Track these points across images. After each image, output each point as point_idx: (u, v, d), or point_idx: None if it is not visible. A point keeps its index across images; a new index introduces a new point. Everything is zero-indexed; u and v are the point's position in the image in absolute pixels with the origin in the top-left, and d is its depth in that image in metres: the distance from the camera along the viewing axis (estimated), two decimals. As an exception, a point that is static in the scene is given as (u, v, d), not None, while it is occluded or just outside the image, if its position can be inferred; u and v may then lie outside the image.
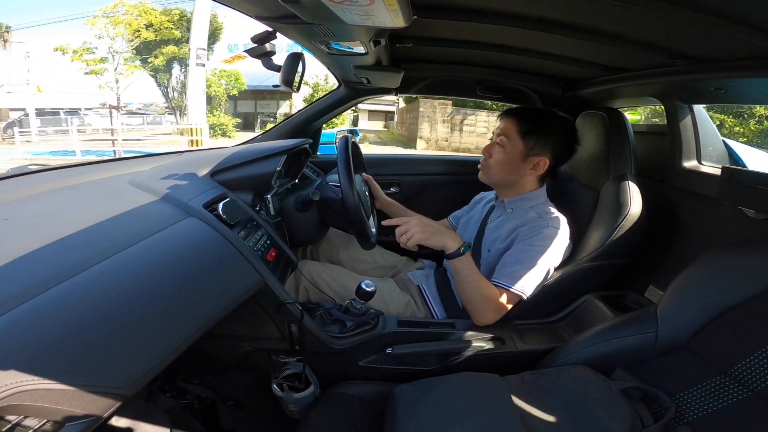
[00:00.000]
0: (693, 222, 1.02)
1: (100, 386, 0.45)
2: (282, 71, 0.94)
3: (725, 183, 0.84)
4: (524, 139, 1.00)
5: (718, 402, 0.63)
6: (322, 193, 1.08)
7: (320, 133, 1.69)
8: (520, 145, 1.00)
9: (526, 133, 1.00)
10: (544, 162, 1.00)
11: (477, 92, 1.45)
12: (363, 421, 0.75)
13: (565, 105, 1.38)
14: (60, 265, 0.51)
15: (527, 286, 0.91)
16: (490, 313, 0.92)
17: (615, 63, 1.02)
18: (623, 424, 0.62)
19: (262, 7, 0.74)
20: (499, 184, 1.08)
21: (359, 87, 1.44)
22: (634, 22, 0.70)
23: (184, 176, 0.89)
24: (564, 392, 0.70)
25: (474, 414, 0.66)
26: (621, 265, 0.98)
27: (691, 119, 1.05)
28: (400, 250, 1.42)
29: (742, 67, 0.73)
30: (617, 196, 0.98)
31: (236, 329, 0.88)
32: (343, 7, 0.55)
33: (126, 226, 0.65)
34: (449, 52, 1.18)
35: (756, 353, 0.61)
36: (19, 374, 0.40)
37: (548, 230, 0.94)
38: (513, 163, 1.02)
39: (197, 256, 0.69)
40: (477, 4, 0.76)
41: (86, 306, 0.49)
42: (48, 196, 0.74)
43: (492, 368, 0.79)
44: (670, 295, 0.77)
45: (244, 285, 0.74)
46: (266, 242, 0.89)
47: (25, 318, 0.43)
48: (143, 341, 0.53)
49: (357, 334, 0.88)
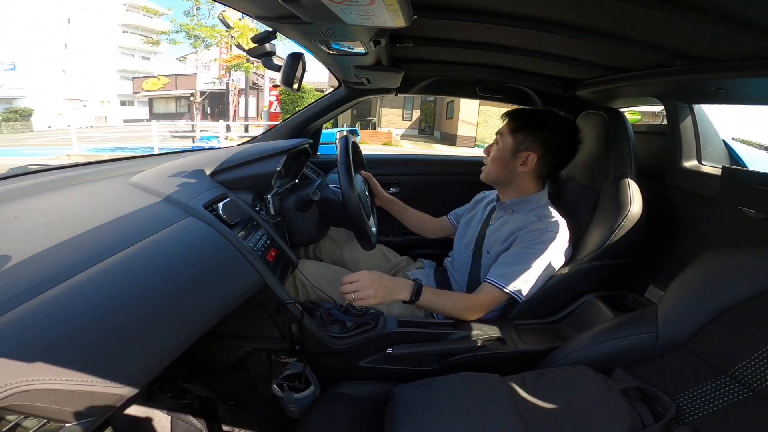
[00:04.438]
0: (693, 222, 1.02)
1: (100, 386, 0.45)
2: (282, 71, 0.94)
3: (725, 183, 0.84)
4: (513, 135, 1.02)
5: (719, 402, 0.63)
6: (322, 193, 1.08)
7: (320, 133, 1.69)
8: (509, 141, 1.02)
9: (515, 129, 1.02)
10: (532, 157, 1.00)
11: (477, 92, 1.45)
12: (363, 421, 0.75)
13: (565, 105, 1.38)
14: (59, 266, 0.51)
15: (522, 288, 0.92)
16: (476, 314, 0.94)
17: (615, 63, 1.02)
18: (623, 424, 0.62)
19: (262, 7, 0.74)
20: (495, 181, 1.09)
21: (359, 87, 1.44)
22: (634, 22, 0.70)
23: (185, 176, 0.89)
24: (564, 392, 0.70)
25: (474, 414, 0.66)
26: (621, 265, 0.98)
27: (692, 119, 1.05)
28: (401, 249, 1.43)
29: (742, 67, 0.72)
30: (617, 196, 0.98)
31: (236, 329, 0.88)
32: (343, 7, 0.55)
33: (126, 227, 0.65)
34: (449, 52, 1.18)
35: (756, 353, 0.61)
36: (20, 374, 0.40)
37: (547, 234, 0.94)
38: (504, 159, 1.03)
39: (197, 256, 0.69)
40: (477, 4, 0.76)
41: (86, 306, 0.49)
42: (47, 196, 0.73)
43: (492, 368, 0.79)
44: (671, 295, 0.77)
45: (244, 285, 0.74)
46: (266, 242, 0.89)
47: (26, 318, 0.43)
48: (143, 341, 0.53)
49: (357, 335, 0.88)
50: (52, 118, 20.00)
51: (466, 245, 1.13)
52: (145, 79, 21.44)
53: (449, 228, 1.33)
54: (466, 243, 1.14)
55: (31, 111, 18.98)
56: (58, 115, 20.54)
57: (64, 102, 21.33)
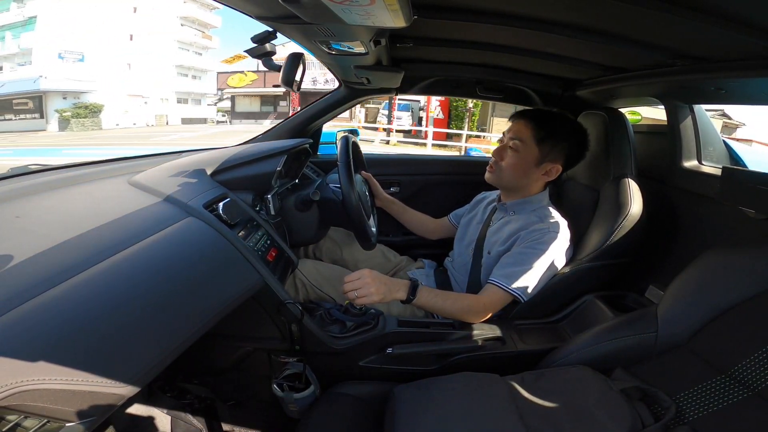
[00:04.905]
0: (693, 222, 1.01)
1: (100, 386, 0.45)
2: (282, 71, 0.94)
3: (725, 183, 0.84)
4: (539, 145, 0.98)
5: (719, 402, 0.63)
6: (323, 193, 1.08)
7: (320, 133, 1.69)
8: (535, 151, 0.99)
9: (542, 138, 0.98)
10: (556, 169, 1.00)
11: (477, 92, 1.45)
12: (363, 421, 0.75)
13: (565, 105, 1.37)
14: (60, 266, 0.51)
15: (524, 289, 0.92)
16: (480, 316, 0.93)
17: (615, 63, 1.02)
18: (623, 424, 0.62)
19: (262, 7, 0.74)
20: (508, 187, 1.07)
21: (359, 87, 1.44)
22: (634, 22, 0.70)
23: (185, 176, 0.89)
24: (564, 392, 0.70)
25: (474, 414, 0.66)
26: (621, 266, 0.98)
27: (692, 119, 1.05)
28: (401, 249, 1.43)
29: (742, 67, 0.72)
30: (617, 196, 0.98)
31: (236, 329, 0.88)
32: (343, 7, 0.55)
33: (126, 227, 0.65)
34: (449, 52, 1.18)
35: (756, 353, 0.61)
36: (20, 374, 0.40)
37: (549, 235, 0.94)
38: (526, 169, 1.01)
39: (197, 256, 0.69)
40: (477, 4, 0.76)
41: (87, 306, 0.49)
42: (48, 196, 0.74)
43: (492, 368, 0.79)
44: (671, 295, 0.77)
45: (244, 285, 0.74)
46: (266, 242, 0.89)
47: (26, 318, 0.43)
48: (143, 341, 0.53)
49: (357, 335, 0.88)
50: (119, 114, 18.93)
51: (466, 246, 1.13)
52: (231, 75, 20.27)
53: (450, 229, 1.32)
54: (466, 243, 1.14)
55: (101, 107, 17.84)
56: (125, 112, 19.40)
57: (127, 98, 19.86)
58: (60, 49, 17.65)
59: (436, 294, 0.91)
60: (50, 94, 17.22)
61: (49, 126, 16.99)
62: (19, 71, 17.86)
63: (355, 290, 0.83)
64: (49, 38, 17.18)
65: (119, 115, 19.09)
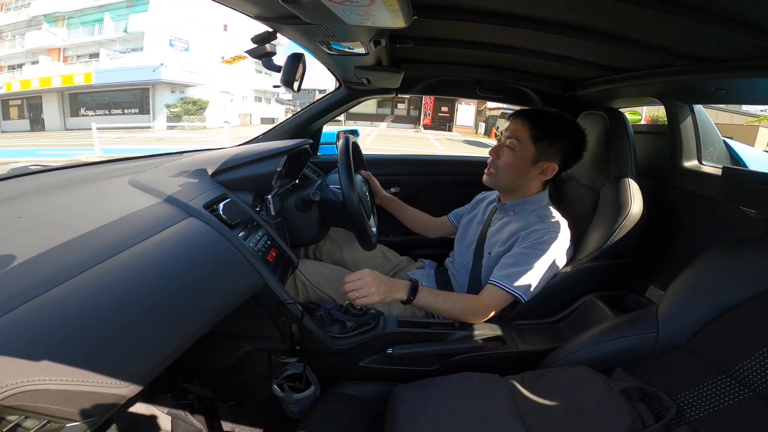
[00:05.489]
0: (693, 222, 1.01)
1: (101, 386, 0.45)
2: (282, 72, 0.94)
3: (726, 183, 0.84)
4: (536, 144, 0.98)
5: (719, 402, 0.63)
6: (323, 194, 1.08)
7: (321, 133, 1.69)
8: (531, 150, 0.99)
9: (538, 138, 0.98)
10: (552, 168, 1.00)
11: (477, 92, 1.45)
12: (363, 421, 0.75)
13: (565, 105, 1.37)
14: (61, 266, 0.51)
15: (525, 289, 0.92)
16: (481, 316, 0.93)
17: (615, 63, 1.02)
18: (623, 424, 0.62)
19: (262, 8, 0.75)
20: (506, 188, 1.07)
21: (359, 87, 1.44)
22: (634, 22, 0.70)
23: (185, 177, 0.89)
24: (564, 392, 0.70)
25: (474, 414, 0.66)
26: (621, 266, 0.98)
27: (692, 119, 1.05)
28: (401, 249, 1.43)
29: (742, 67, 0.72)
30: (618, 196, 0.98)
31: (236, 329, 0.88)
32: (343, 7, 0.55)
33: (127, 227, 0.65)
34: (449, 52, 1.18)
35: (757, 353, 0.61)
36: (21, 374, 0.40)
37: (549, 235, 0.94)
38: (522, 168, 1.01)
39: (198, 256, 0.69)
40: (477, 4, 0.76)
41: (87, 306, 0.49)
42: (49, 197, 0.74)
43: (492, 368, 0.79)
44: (671, 295, 0.77)
45: (244, 285, 0.74)
46: (267, 242, 0.89)
47: (27, 318, 0.43)
48: (143, 341, 0.53)
49: (357, 335, 0.88)
50: (218, 111, 16.84)
51: (467, 246, 1.13)
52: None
53: (449, 228, 1.32)
54: (467, 244, 1.14)
55: (206, 103, 15.82)
56: (223, 109, 17.39)
57: (219, 94, 17.89)
58: (170, 35, 15.20)
59: (437, 294, 0.91)
60: (159, 86, 14.89)
61: (156, 122, 14.53)
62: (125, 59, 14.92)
63: (355, 290, 0.83)
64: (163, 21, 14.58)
65: (218, 112, 17.04)
